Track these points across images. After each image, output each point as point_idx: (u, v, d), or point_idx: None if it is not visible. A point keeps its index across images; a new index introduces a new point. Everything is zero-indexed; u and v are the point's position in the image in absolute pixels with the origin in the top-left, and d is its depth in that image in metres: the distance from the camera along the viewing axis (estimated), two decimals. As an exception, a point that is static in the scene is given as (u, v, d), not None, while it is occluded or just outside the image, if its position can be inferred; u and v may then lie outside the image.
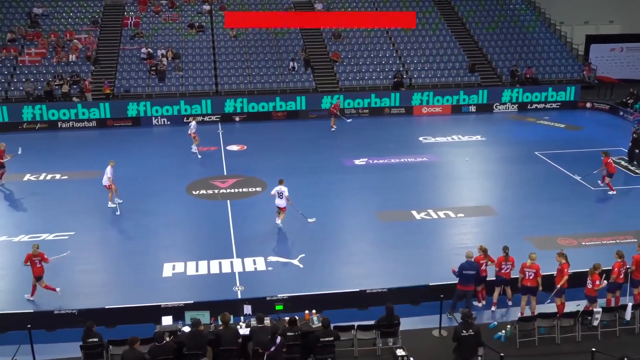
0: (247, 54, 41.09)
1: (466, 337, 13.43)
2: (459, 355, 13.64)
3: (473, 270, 15.95)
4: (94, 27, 42.10)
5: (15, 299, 17.23)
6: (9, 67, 38.57)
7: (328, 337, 13.82)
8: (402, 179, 26.71)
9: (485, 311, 16.72)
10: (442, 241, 21.03)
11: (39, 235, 21.05)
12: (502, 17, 45.71)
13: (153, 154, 30.76)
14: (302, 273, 18.59)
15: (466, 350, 13.54)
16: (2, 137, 33.67)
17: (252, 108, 37.40)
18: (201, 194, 25.01)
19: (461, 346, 13.55)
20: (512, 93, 39.53)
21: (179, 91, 38.46)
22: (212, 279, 18.33)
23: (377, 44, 42.68)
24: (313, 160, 28.69)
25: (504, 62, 42.04)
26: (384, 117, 37.98)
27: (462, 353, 13.56)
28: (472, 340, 13.51)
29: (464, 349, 13.53)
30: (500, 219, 22.61)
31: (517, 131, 34.63)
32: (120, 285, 18.24)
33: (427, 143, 32.20)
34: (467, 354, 13.57)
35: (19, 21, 41.66)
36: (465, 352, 13.54)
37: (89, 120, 35.94)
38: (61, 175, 27.14)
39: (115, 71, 39.32)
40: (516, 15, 46.03)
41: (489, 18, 45.61)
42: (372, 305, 16.29)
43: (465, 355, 13.57)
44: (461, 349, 13.56)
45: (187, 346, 13.51)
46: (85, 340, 13.82)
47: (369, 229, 21.90)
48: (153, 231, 21.80)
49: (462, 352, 13.54)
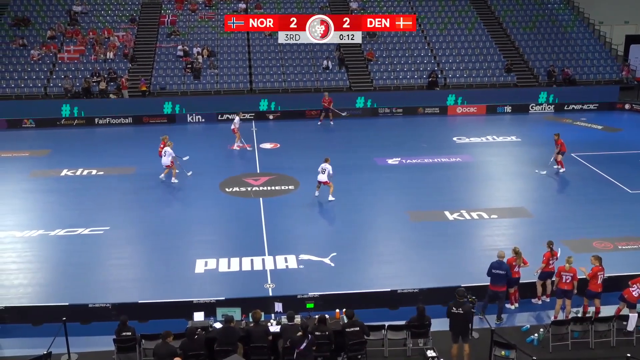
0: (282, 53, 41.22)
1: (455, 314, 14.00)
2: (451, 330, 14.27)
3: (503, 270, 15.80)
4: (131, 25, 42.66)
5: (51, 292, 17.52)
6: (49, 64, 39.26)
7: (354, 327, 13.82)
8: (435, 179, 26.54)
9: (518, 314, 16.53)
10: (475, 242, 20.83)
11: (75, 230, 21.41)
12: (540, 17, 45.11)
13: (187, 151, 30.97)
14: (333, 272, 18.58)
15: (455, 326, 14.14)
16: (41, 133, 34.44)
17: (286, 106, 37.54)
18: (234, 191, 25.17)
19: (451, 322, 14.19)
20: (548, 94, 39.05)
21: (214, 89, 38.75)
22: (244, 276, 18.42)
23: (412, 43, 42.47)
24: (346, 158, 28.64)
25: (541, 62, 41.49)
26: (417, 116, 37.78)
27: (452, 328, 14.23)
28: (461, 319, 14.00)
29: (453, 325, 14.17)
30: (534, 221, 22.32)
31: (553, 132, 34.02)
32: (153, 280, 18.43)
33: (461, 143, 31.94)
34: (456, 329, 14.13)
35: (59, 19, 42.40)
36: (454, 327, 14.17)
37: (125, 116, 36.44)
38: (97, 171, 27.53)
39: (151, 69, 39.78)
40: (554, 15, 45.39)
41: (527, 18, 45.04)
42: (403, 305, 16.23)
43: (454, 330, 14.16)
44: (451, 325, 14.23)
45: (218, 342, 13.62)
46: (118, 333, 14.01)
47: (401, 229, 21.80)
48: (186, 227, 21.97)
49: (452, 327, 14.22)
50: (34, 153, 30.31)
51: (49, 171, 27.44)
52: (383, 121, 36.96)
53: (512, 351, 13.70)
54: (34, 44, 40.21)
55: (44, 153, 30.20)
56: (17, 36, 40.52)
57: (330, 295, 16.28)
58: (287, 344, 13.50)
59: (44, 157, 29.63)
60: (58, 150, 28.65)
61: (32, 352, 13.75)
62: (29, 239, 20.92)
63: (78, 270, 18.73)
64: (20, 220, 22.55)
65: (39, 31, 41.30)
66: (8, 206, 23.97)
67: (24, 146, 31.47)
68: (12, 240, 20.86)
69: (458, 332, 14.08)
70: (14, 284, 18.01)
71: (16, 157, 29.82)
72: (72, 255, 19.74)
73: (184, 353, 13.17)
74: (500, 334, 14.29)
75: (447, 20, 44.37)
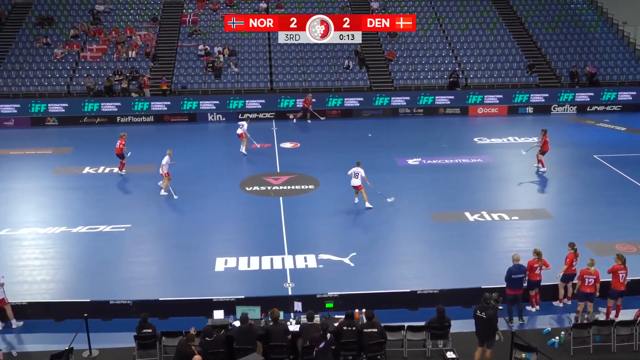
0: (302, 52, 41.27)
1: (478, 317, 13.94)
2: (475, 334, 14.19)
3: (522, 273, 15.74)
4: (153, 24, 42.92)
5: (73, 289, 17.69)
6: (72, 62, 39.63)
7: (372, 328, 13.85)
8: (456, 179, 26.42)
9: (539, 316, 16.41)
10: (496, 244, 20.71)
11: (97, 227, 21.61)
12: (563, 17, 44.71)
13: (208, 150, 31.20)
14: (353, 272, 18.56)
15: (478, 330, 14.06)
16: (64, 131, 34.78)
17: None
18: (254, 190, 25.24)
19: (475, 326, 14.13)
20: (570, 94, 38.72)
21: (235, 88, 38.89)
22: (263, 274, 18.47)
23: (432, 43, 42.32)
24: (366, 159, 28.34)
25: (563, 63, 41.14)
26: (438, 116, 37.65)
27: (477, 332, 14.16)
28: (484, 323, 13.87)
29: (478, 329, 14.10)
30: (556, 223, 22.14)
31: (575, 133, 33.86)
32: (173, 277, 18.54)
33: (482, 144, 31.77)
34: (480, 333, 14.03)
35: (82, 18, 42.78)
36: (477, 331, 14.10)
37: (146, 115, 36.72)
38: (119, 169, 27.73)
39: (172, 67, 40.01)
40: (577, 15, 44.97)
41: (549, 18, 44.67)
42: (423, 306, 16.19)
43: (478, 334, 14.08)
44: (475, 328, 14.16)
45: (237, 341, 13.66)
46: (139, 330, 14.11)
47: (421, 229, 21.73)
48: (206, 225, 22.08)
49: (476, 331, 14.15)
50: (57, 151, 30.64)
51: (71, 169, 27.71)
52: (403, 121, 36.86)
53: (532, 354, 13.59)
54: (57, 42, 40.62)
55: (67, 151, 30.51)
56: (40, 35, 40.95)
57: (350, 295, 16.27)
58: (307, 343, 13.52)
59: (67, 155, 29.93)
60: (80, 148, 28.89)
61: (54, 348, 13.90)
62: (51, 236, 21.16)
63: (100, 267, 18.91)
64: (43, 217, 22.81)
65: (62, 30, 41.71)
66: (32, 203, 24.26)
67: (47, 144, 31.81)
68: (36, 237, 21.11)
69: (482, 337, 13.99)
70: (36, 280, 18.22)
71: (40, 154, 30.17)
72: (94, 252, 19.93)
73: (204, 351, 13.24)
74: (520, 336, 14.20)
75: (468, 20, 44.15)
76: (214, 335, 13.45)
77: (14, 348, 14.99)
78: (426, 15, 44.47)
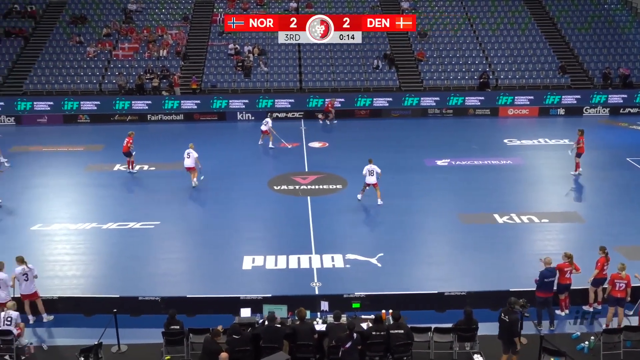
0: (332, 52, 41.27)
1: (502, 320, 13.80)
2: (498, 338, 14.07)
3: (553, 277, 15.56)
4: (184, 23, 43.28)
5: (102, 284, 17.90)
6: (104, 60, 40.13)
7: (398, 329, 13.80)
8: (485, 181, 26.21)
9: (568, 321, 16.20)
10: (525, 246, 20.49)
11: (127, 224, 21.84)
12: (596, 17, 44.10)
13: (236, 148, 31.37)
14: (380, 272, 18.51)
15: (501, 333, 13.92)
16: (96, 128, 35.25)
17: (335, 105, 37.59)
18: (282, 189, 25.31)
19: (499, 328, 13.97)
20: (603, 96, 38.18)
21: (264, 87, 39.03)
22: (291, 273, 18.51)
23: (463, 44, 42.02)
24: (394, 159, 28.51)
25: (596, 64, 40.57)
26: (468, 117, 37.39)
27: (499, 336, 14.01)
28: (506, 327, 13.71)
29: (500, 332, 13.96)
30: (587, 226, 21.84)
31: (607, 136, 33.37)
32: (201, 275, 18.67)
33: (512, 145, 31.47)
34: (502, 337, 13.92)
35: (114, 17, 43.31)
36: (501, 334, 13.96)
37: (177, 113, 37.04)
38: (149, 166, 28.04)
39: (203, 66, 40.29)
40: (611, 16, 44.30)
41: (582, 18, 44.09)
42: (451, 308, 16.07)
43: (501, 337, 13.95)
44: (499, 331, 14.01)
45: (264, 339, 13.71)
46: (167, 327, 14.23)
47: (450, 231, 21.59)
48: (234, 224, 22.20)
49: (500, 334, 14.00)
50: (88, 148, 31.04)
51: (102, 166, 28.05)
52: (432, 122, 36.69)
53: (561, 358, 13.44)
54: (90, 41, 41.16)
55: (98, 148, 30.90)
56: (74, 34, 41.54)
57: (377, 295, 16.23)
58: (333, 342, 13.52)
59: (98, 152, 30.32)
60: (111, 146, 29.18)
61: (83, 342, 14.07)
62: (82, 232, 21.44)
63: (129, 263, 19.12)
64: (74, 213, 23.13)
65: (95, 29, 42.25)
66: (63, 199, 24.61)
67: (79, 141, 32.26)
68: (67, 233, 21.41)
69: (504, 341, 13.86)
70: (67, 275, 18.48)
71: (72, 151, 30.61)
72: (124, 248, 20.16)
73: (230, 349, 13.31)
74: (549, 340, 14.04)
75: (499, 20, 43.76)
76: (241, 333, 13.52)
77: (45, 342, 15.22)
78: (457, 15, 44.20)
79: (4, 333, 14.23)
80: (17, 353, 14.33)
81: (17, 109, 36.96)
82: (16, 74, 39.38)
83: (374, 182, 23.06)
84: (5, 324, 14.34)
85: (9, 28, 41.62)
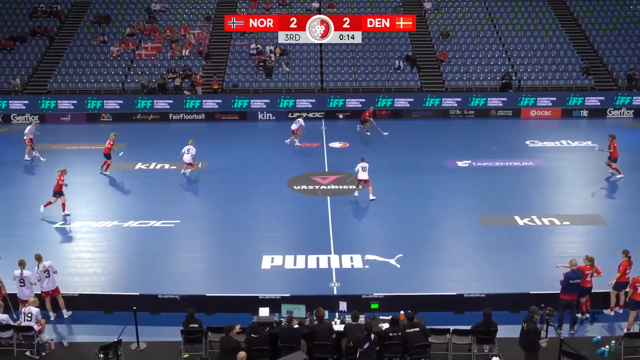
0: (354, 52, 41.24)
1: (522, 327, 13.74)
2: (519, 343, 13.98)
3: (579, 279, 15.39)
4: (207, 23, 43.51)
5: (122, 282, 18.04)
6: (127, 60, 40.47)
7: (413, 328, 13.74)
8: (506, 182, 26.02)
9: (589, 324, 16.02)
10: (546, 249, 20.30)
11: (147, 222, 21.99)
12: (621, 18, 43.59)
13: (257, 148, 31.44)
14: (399, 273, 18.45)
15: (520, 340, 13.86)
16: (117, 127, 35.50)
17: (356, 105, 37.58)
18: (302, 189, 25.33)
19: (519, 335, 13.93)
20: (628, 98, 37.73)
21: (285, 87, 39.11)
22: (309, 273, 18.50)
23: (486, 44, 41.77)
24: (415, 160, 28.41)
25: (621, 66, 40.10)
26: (489, 118, 37.16)
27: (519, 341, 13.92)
28: (524, 334, 13.66)
29: (519, 338, 13.90)
30: (609, 229, 21.59)
31: (632, 138, 32.95)
32: (220, 274, 18.74)
33: (534, 147, 31.21)
34: (520, 344, 13.84)
35: (137, 16, 43.66)
36: (519, 341, 13.88)
37: (198, 112, 37.24)
38: (170, 165, 28.20)
39: (225, 66, 40.47)
40: (636, 17, 43.75)
41: (607, 19, 43.61)
42: (470, 310, 15.96)
43: (520, 343, 13.86)
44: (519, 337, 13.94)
45: (281, 339, 13.73)
46: (186, 325, 14.29)
47: (470, 232, 21.47)
48: (254, 223, 22.24)
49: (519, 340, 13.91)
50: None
51: (124, 164, 28.26)
52: (454, 123, 36.52)
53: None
54: (113, 40, 41.55)
55: (120, 147, 31.09)
56: (98, 33, 41.95)
57: (395, 296, 16.16)
58: (351, 343, 13.51)
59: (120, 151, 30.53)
60: (133, 144, 29.41)
61: (103, 339, 14.17)
62: (103, 230, 21.63)
63: (149, 262, 19.25)
64: (95, 211, 23.35)
65: (118, 28, 42.63)
66: (85, 197, 24.84)
67: (101, 140, 32.35)
68: (88, 230, 21.61)
69: (523, 348, 13.74)
70: (88, 272, 18.64)
71: (94, 150, 30.82)
72: (144, 246, 20.30)
73: (248, 348, 13.34)
74: (569, 344, 13.89)
75: (523, 21, 43.43)
76: (259, 332, 13.55)
77: (65, 338, 15.37)
78: (480, 15, 43.95)
79: (25, 329, 14.39)
80: (38, 349, 14.48)
81: (41, 107, 37.42)
82: (41, 72, 39.87)
83: (366, 178, 23.56)
84: (26, 320, 14.51)
85: (34, 27, 42.15)
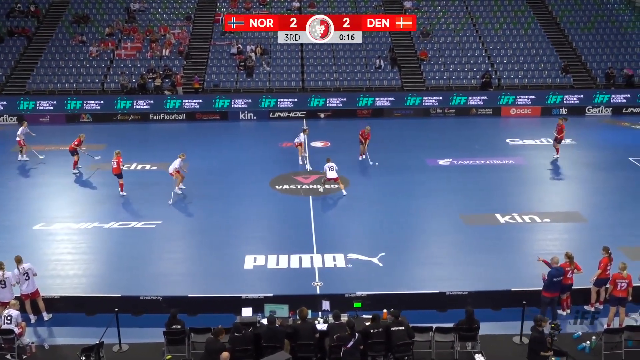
0: (335, 51, 41.27)
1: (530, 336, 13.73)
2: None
3: (561, 276, 15.55)
4: (187, 22, 43.31)
5: (104, 283, 17.92)
6: (107, 60, 40.17)
7: (399, 326, 13.79)
8: (487, 181, 26.19)
9: (569, 320, 16.17)
10: (526, 246, 20.45)
11: (128, 223, 21.87)
12: (599, 17, 44.03)
13: (239, 148, 31.37)
14: (381, 272, 18.50)
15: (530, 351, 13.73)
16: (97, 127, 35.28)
17: (337, 105, 37.63)
18: (284, 189, 25.31)
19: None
20: (606, 96, 38.12)
21: (266, 87, 39.05)
22: (292, 273, 18.51)
23: (466, 43, 41.99)
24: (396, 159, 28.48)
25: (599, 64, 40.51)
26: (470, 117, 37.36)
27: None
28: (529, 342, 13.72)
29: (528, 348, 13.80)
30: (589, 226, 21.81)
31: (610, 136, 33.32)
32: (202, 274, 18.68)
33: (514, 145, 31.44)
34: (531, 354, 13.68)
35: (117, 16, 43.33)
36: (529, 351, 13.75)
37: (179, 113, 37.06)
38: (151, 166, 28.06)
39: (205, 66, 40.30)
40: (614, 15, 44.24)
41: (585, 18, 44.03)
42: (452, 307, 16.06)
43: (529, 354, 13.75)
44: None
45: (265, 339, 13.71)
46: (169, 326, 14.23)
47: (451, 231, 21.57)
48: (236, 223, 22.19)
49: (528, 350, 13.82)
50: (90, 147, 30.98)
51: (104, 165, 28.03)
52: (435, 121, 36.68)
53: (563, 358, 13.43)
54: (92, 40, 41.21)
55: (100, 147, 30.89)
56: (76, 33, 41.58)
57: (378, 295, 16.23)
58: (335, 342, 13.52)
59: (100, 152, 30.26)
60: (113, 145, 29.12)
61: (85, 341, 14.05)
62: (84, 231, 21.46)
63: (130, 263, 19.13)
64: (76, 212, 23.15)
65: (97, 28, 42.29)
66: (65, 198, 24.65)
67: (81, 140, 32.23)
68: (69, 232, 21.43)
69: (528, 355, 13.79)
70: (69, 274, 18.49)
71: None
72: (126, 248, 20.18)
73: (232, 347, 13.32)
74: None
75: (502, 20, 43.72)
76: (242, 332, 13.53)
77: (46, 341, 15.24)
78: (459, 14, 44.16)
79: (5, 332, 14.24)
80: (19, 352, 14.34)
81: (20, 108, 37.00)
82: (19, 73, 39.44)
83: (335, 176, 24.04)
84: (6, 323, 14.35)
85: (12, 27, 41.70)
